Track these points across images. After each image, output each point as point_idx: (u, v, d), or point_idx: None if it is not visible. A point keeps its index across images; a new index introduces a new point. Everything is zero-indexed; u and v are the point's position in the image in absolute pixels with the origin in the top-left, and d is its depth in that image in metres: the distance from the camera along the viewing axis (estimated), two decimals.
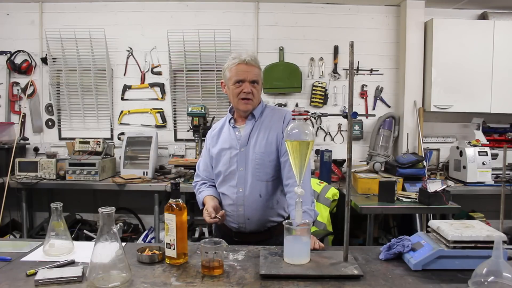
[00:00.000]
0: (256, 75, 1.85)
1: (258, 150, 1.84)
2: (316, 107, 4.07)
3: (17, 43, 4.03)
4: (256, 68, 1.86)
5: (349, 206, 1.37)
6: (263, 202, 1.84)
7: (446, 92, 3.78)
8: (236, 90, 1.83)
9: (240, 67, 1.83)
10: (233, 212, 1.86)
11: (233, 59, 1.85)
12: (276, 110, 1.96)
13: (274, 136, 1.84)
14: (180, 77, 4.04)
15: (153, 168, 3.73)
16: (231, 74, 1.84)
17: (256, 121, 1.89)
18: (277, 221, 1.88)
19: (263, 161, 1.83)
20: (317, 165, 3.63)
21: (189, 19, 3.99)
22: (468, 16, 4.00)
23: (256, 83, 1.86)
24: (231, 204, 1.86)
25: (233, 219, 1.87)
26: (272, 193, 1.85)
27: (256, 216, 1.83)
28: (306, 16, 4.03)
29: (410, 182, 3.23)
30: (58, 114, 4.11)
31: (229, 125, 1.94)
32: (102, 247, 1.22)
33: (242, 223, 1.85)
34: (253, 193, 1.83)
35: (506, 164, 2.99)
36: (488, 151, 3.48)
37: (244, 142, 1.87)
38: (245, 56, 1.83)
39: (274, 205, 1.87)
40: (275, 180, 1.86)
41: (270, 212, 1.86)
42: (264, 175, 1.83)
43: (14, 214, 3.85)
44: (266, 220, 1.85)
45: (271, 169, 1.84)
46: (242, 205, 1.84)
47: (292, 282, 1.26)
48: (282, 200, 1.88)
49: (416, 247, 1.42)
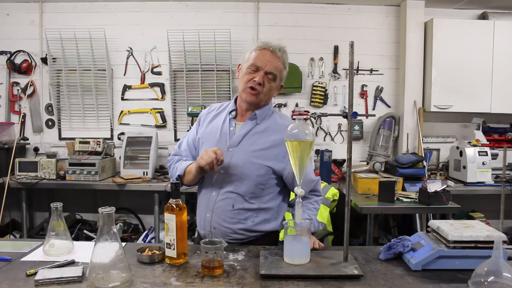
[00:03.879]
0: (276, 68, 1.59)
1: (249, 158, 1.60)
2: (316, 107, 4.07)
3: (17, 43, 4.04)
4: (280, 61, 1.60)
5: (349, 206, 1.37)
6: (234, 214, 1.62)
7: (446, 92, 3.78)
8: (246, 76, 1.59)
9: (263, 52, 1.59)
10: (201, 217, 1.68)
11: (261, 44, 1.62)
12: (286, 121, 1.66)
13: (274, 155, 1.59)
14: (180, 77, 4.04)
15: (153, 168, 3.73)
16: (249, 57, 1.60)
17: (257, 124, 1.65)
18: (246, 235, 1.65)
19: (250, 172, 1.59)
20: (317, 165, 3.63)
21: (189, 19, 4.00)
22: (468, 16, 4.00)
23: (273, 77, 1.60)
24: (201, 207, 1.69)
25: (199, 224, 1.70)
26: (246, 208, 1.62)
27: (222, 228, 1.63)
28: (306, 16, 4.03)
29: (410, 182, 3.23)
30: (58, 114, 4.11)
31: (228, 114, 1.70)
32: (102, 247, 1.22)
33: (208, 232, 1.65)
34: (226, 202, 1.61)
35: (506, 164, 2.99)
36: (488, 151, 3.49)
37: (235, 142, 1.63)
38: (274, 44, 1.60)
39: (243, 220, 1.63)
40: (252, 199, 1.61)
41: (237, 225, 1.63)
42: (244, 188, 1.60)
43: (14, 214, 3.85)
44: (231, 232, 1.63)
45: (254, 185, 1.59)
46: (211, 210, 1.63)
47: (292, 282, 1.26)
48: (253, 217, 1.64)
49: (416, 247, 1.42)
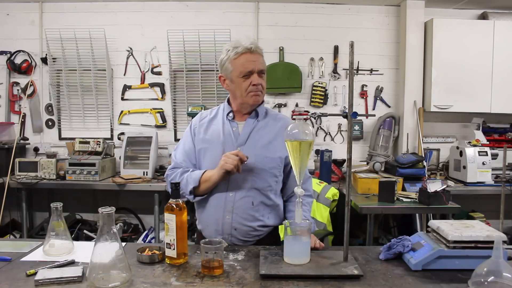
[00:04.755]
0: (263, 64, 1.62)
1: (260, 153, 1.63)
2: (316, 107, 4.07)
3: (17, 43, 4.03)
4: (261, 56, 1.63)
5: (349, 206, 1.37)
6: (255, 211, 1.64)
7: (446, 92, 3.78)
8: (244, 84, 1.59)
9: (245, 56, 1.58)
10: (218, 221, 1.64)
11: (235, 48, 1.58)
12: (280, 118, 1.75)
13: (280, 145, 1.59)
14: (180, 77, 4.04)
15: (153, 168, 3.73)
16: (234, 67, 1.59)
17: (258, 121, 1.69)
18: (262, 231, 1.69)
19: (263, 166, 1.63)
20: (317, 165, 3.63)
21: (189, 19, 3.99)
22: (468, 16, 4.00)
23: (263, 73, 1.62)
24: (217, 210, 1.64)
25: (216, 230, 1.65)
26: (264, 203, 1.66)
27: (244, 228, 1.64)
28: (306, 16, 4.03)
29: (410, 182, 3.22)
30: (58, 114, 4.11)
31: (225, 118, 1.70)
32: (102, 247, 1.22)
33: (228, 235, 1.64)
34: (245, 200, 1.63)
35: (506, 164, 2.99)
36: (488, 151, 3.48)
37: (243, 140, 1.65)
38: (248, 43, 1.58)
39: (261, 217, 1.66)
40: (269, 192, 1.66)
41: (257, 223, 1.66)
42: (261, 182, 1.64)
43: (14, 214, 3.85)
44: (252, 230, 1.66)
45: (270, 178, 1.65)
46: (231, 212, 1.63)
47: (292, 282, 1.26)
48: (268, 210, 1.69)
49: (416, 247, 1.42)
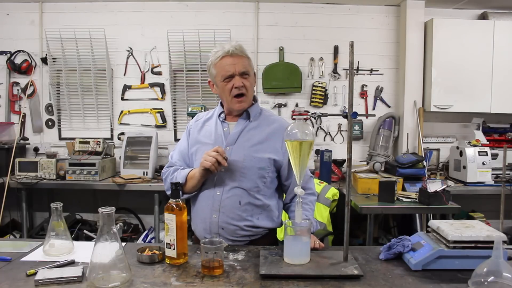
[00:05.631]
0: (245, 66, 1.62)
1: (249, 152, 1.64)
2: (316, 107, 4.07)
3: (17, 43, 4.03)
4: (244, 57, 1.63)
5: (349, 206, 1.37)
6: (241, 211, 1.63)
7: (446, 92, 3.78)
8: (226, 87, 1.62)
9: (225, 60, 1.60)
10: (206, 220, 1.65)
11: (216, 53, 1.62)
12: (275, 120, 1.74)
13: (271, 147, 1.65)
14: (180, 77, 4.04)
15: (153, 168, 3.73)
16: (217, 71, 1.63)
17: (250, 122, 1.70)
18: (251, 231, 1.67)
19: (251, 166, 1.63)
20: (317, 165, 3.63)
21: (189, 19, 3.99)
22: (468, 16, 4.00)
23: (247, 74, 1.63)
24: (204, 209, 1.66)
25: (204, 229, 1.67)
26: (252, 204, 1.64)
27: (230, 227, 1.63)
28: (306, 16, 4.03)
29: (410, 182, 3.22)
30: (58, 114, 4.11)
31: (217, 118, 1.74)
32: (102, 247, 1.22)
33: (215, 234, 1.63)
34: (232, 199, 1.62)
35: (506, 164, 2.99)
36: (488, 151, 3.48)
37: (232, 140, 1.66)
38: (228, 47, 1.60)
39: (249, 217, 1.65)
40: (257, 193, 1.65)
41: (244, 222, 1.64)
42: (248, 182, 1.63)
43: (14, 214, 3.85)
44: (239, 230, 1.65)
45: (257, 178, 1.63)
46: (218, 211, 1.63)
47: (292, 282, 1.26)
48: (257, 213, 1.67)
49: (416, 247, 1.42)
